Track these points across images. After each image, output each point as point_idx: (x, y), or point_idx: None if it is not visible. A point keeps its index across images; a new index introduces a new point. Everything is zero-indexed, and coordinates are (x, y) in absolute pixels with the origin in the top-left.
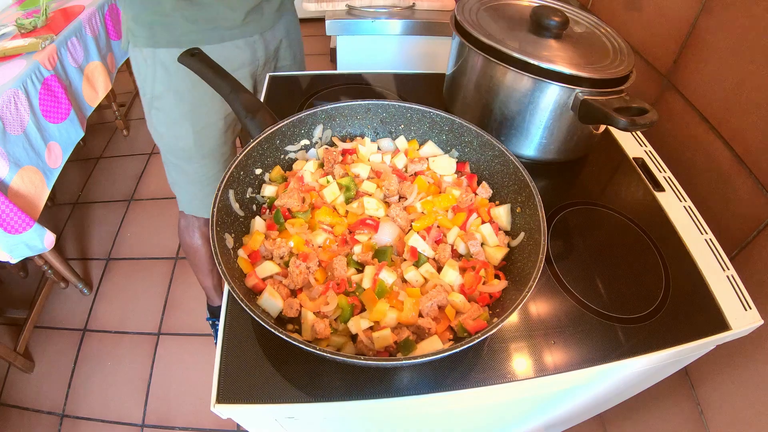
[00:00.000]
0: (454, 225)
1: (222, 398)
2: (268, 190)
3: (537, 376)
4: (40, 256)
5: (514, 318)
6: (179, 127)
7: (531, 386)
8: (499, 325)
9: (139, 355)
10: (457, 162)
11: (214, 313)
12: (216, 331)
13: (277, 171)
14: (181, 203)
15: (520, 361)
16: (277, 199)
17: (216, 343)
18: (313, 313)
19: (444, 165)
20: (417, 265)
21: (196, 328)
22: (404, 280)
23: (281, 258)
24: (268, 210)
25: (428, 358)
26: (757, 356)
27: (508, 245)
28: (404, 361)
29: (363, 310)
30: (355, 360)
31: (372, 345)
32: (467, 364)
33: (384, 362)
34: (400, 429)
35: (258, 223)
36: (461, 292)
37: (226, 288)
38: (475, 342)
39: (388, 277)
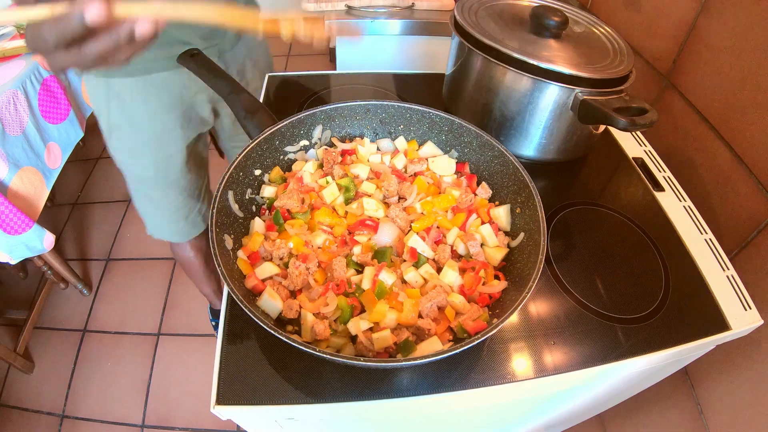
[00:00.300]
0: (453, 226)
1: (221, 399)
2: (268, 191)
3: (537, 377)
4: (39, 256)
5: (513, 318)
6: (139, 158)
7: (531, 387)
8: (499, 326)
9: (139, 355)
10: (456, 162)
11: (217, 314)
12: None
13: (277, 172)
14: (149, 228)
15: (520, 361)
16: (276, 200)
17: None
18: (313, 314)
19: (443, 165)
20: (417, 265)
21: (195, 329)
22: (404, 281)
23: (281, 259)
24: (267, 211)
25: (428, 359)
26: (756, 356)
27: (508, 246)
28: (404, 363)
29: (363, 311)
30: (354, 361)
31: (372, 346)
32: (467, 365)
33: (384, 363)
34: (400, 430)
35: (257, 224)
36: (461, 293)
37: (225, 289)
38: (474, 343)
39: (387, 277)
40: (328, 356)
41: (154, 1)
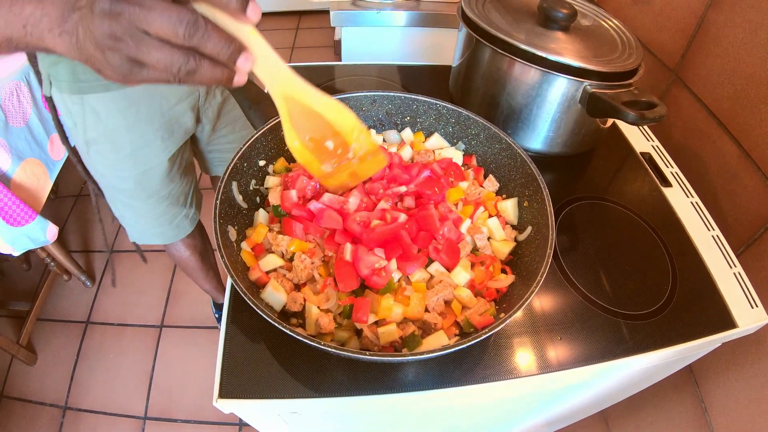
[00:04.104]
0: (467, 217)
1: (224, 393)
2: (272, 182)
3: (542, 373)
4: (42, 248)
5: (519, 313)
6: (119, 171)
7: (536, 383)
8: (507, 321)
9: (142, 347)
10: (463, 155)
11: (220, 307)
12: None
13: (281, 163)
14: (132, 235)
15: (526, 357)
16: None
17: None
18: (318, 307)
19: (450, 157)
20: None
21: (198, 321)
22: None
23: (282, 256)
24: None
25: (434, 354)
26: (762, 354)
27: (515, 239)
28: (410, 357)
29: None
30: (359, 355)
31: (377, 340)
32: (473, 360)
33: (389, 358)
34: (404, 424)
35: (261, 216)
36: (469, 287)
37: (229, 281)
38: (482, 338)
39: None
40: (333, 350)
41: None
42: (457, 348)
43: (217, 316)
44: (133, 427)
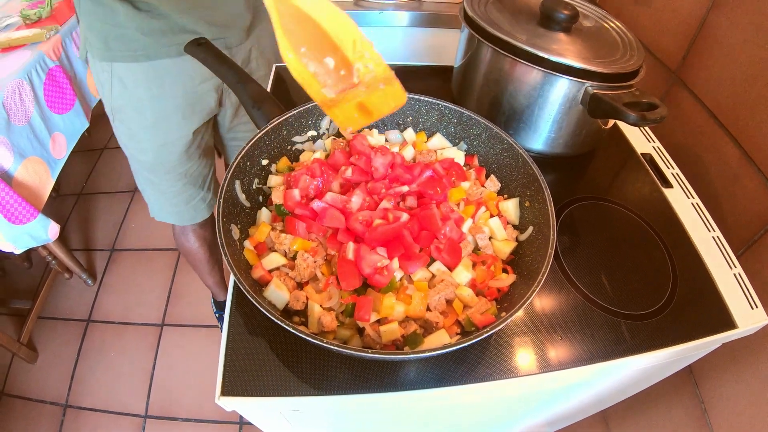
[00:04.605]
0: (468, 217)
1: (227, 391)
2: (274, 181)
3: (542, 372)
4: (44, 246)
5: (520, 312)
6: (139, 141)
7: (536, 382)
8: (508, 320)
9: (143, 346)
10: (465, 155)
11: (220, 306)
12: (223, 323)
13: (284, 162)
14: (151, 210)
15: (526, 356)
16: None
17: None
18: (320, 305)
19: (452, 158)
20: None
21: (199, 319)
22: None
23: (285, 254)
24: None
25: (435, 353)
26: (761, 355)
27: (517, 239)
28: (411, 355)
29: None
30: (361, 353)
31: (379, 338)
32: (474, 359)
33: (391, 356)
34: (406, 423)
35: (264, 215)
36: (471, 286)
37: (231, 280)
38: (482, 336)
39: (396, 272)
40: (335, 348)
41: None
42: (458, 347)
43: (217, 315)
44: (133, 425)
